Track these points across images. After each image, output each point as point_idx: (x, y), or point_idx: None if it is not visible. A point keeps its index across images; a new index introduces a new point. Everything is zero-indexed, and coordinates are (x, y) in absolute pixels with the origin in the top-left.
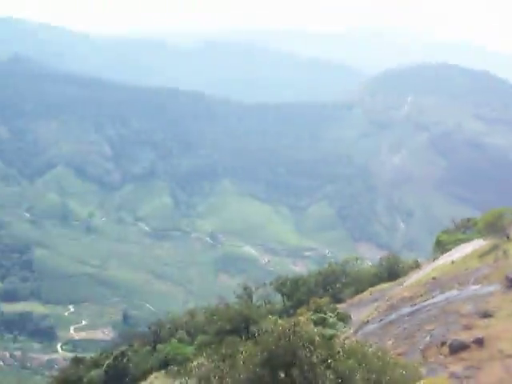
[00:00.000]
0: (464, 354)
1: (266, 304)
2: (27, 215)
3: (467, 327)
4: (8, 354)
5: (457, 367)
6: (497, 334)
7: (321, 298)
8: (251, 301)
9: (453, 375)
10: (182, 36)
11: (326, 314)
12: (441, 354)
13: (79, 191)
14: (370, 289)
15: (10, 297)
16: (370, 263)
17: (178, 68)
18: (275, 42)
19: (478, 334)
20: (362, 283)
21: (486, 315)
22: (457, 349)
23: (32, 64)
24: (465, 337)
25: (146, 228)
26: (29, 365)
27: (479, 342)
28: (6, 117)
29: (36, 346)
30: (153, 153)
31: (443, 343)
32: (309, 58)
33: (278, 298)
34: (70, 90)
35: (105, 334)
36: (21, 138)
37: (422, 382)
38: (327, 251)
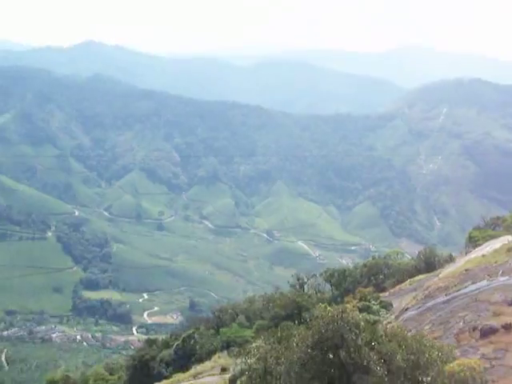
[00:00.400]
0: (493, 338)
1: (316, 293)
2: (106, 214)
3: (496, 314)
4: (90, 336)
5: (487, 349)
6: None
7: (365, 287)
8: (303, 290)
9: (483, 356)
10: (240, 55)
11: (370, 301)
12: (472, 338)
13: (151, 192)
14: (409, 279)
15: (92, 286)
16: (410, 257)
17: (237, 83)
18: (321, 60)
19: (506, 320)
20: (402, 274)
21: None
22: (487, 333)
23: (110, 82)
24: (494, 322)
25: (210, 225)
26: (108, 345)
27: (507, 327)
28: (88, 128)
29: (114, 328)
30: (215, 158)
31: (474, 328)
32: (352, 75)
33: (327, 287)
34: (143, 104)
35: (174, 319)
36: (101, 146)
37: (455, 362)
38: (371, 246)
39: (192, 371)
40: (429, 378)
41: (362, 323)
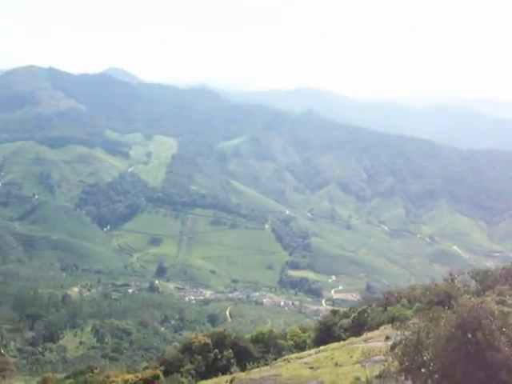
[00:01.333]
0: None
1: (463, 286)
2: (309, 214)
3: None
4: (291, 303)
5: None
6: None
7: (503, 285)
8: (453, 283)
9: None
10: (415, 100)
11: (505, 297)
12: None
13: (343, 201)
14: None
15: (294, 266)
16: None
17: (412, 122)
18: (479, 106)
19: None
20: None
21: None
22: None
23: (317, 116)
24: None
25: (386, 229)
26: (303, 311)
27: None
28: (299, 150)
29: (308, 299)
30: (393, 178)
31: None
32: (504, 119)
33: (473, 283)
34: (341, 134)
35: (353, 297)
36: (308, 164)
37: None
38: (511, 254)
39: (363, 336)
40: None
41: (497, 312)
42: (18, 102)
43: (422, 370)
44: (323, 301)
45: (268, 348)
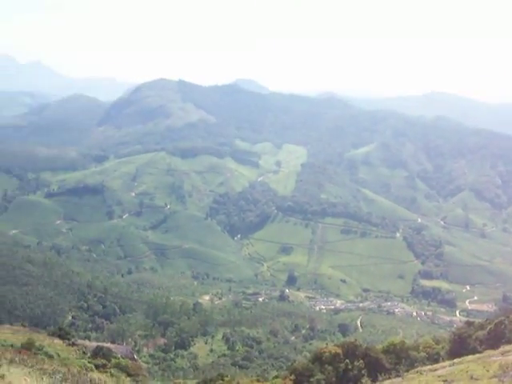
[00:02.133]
0: None
1: None
2: (441, 222)
3: None
4: (423, 313)
5: None
6: None
7: None
8: None
9: None
10: None
11: None
12: None
13: (477, 208)
14: None
15: (427, 276)
16: None
17: None
18: None
19: None
20: None
21: None
22: None
23: (448, 121)
24: None
25: None
26: (436, 322)
27: None
28: (431, 156)
29: (442, 310)
30: None
31: None
32: None
33: None
34: (474, 139)
35: (489, 308)
36: (440, 171)
37: None
38: None
39: (501, 349)
40: None
41: None
42: (149, 114)
43: None
44: (457, 311)
45: (400, 359)
